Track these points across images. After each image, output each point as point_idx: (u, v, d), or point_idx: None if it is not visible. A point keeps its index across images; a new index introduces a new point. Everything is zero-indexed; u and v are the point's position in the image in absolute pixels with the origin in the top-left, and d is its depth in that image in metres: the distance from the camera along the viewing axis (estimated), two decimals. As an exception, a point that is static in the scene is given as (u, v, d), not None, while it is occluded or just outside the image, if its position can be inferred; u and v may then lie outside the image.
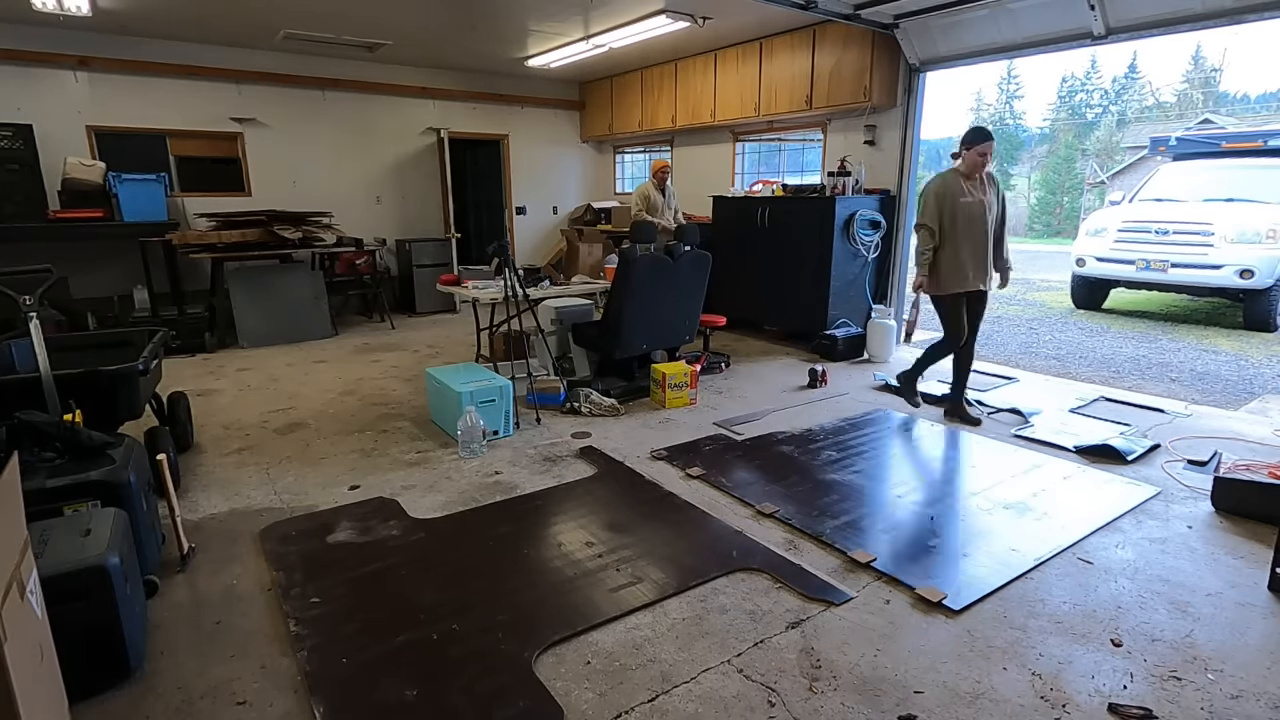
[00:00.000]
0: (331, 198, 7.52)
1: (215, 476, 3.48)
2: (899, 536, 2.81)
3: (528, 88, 8.68)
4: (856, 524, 2.91)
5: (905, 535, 2.82)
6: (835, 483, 3.33)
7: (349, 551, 2.70)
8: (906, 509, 3.06)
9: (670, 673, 2.02)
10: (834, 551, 2.70)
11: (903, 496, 3.20)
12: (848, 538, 2.78)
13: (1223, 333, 7.50)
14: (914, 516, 2.99)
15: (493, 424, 3.91)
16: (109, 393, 2.91)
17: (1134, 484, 3.31)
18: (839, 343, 5.73)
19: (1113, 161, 28.11)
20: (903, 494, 3.22)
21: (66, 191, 5.99)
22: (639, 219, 6.28)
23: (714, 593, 2.43)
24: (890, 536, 2.80)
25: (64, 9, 5.27)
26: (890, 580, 2.49)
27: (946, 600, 2.35)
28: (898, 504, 3.12)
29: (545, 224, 9.40)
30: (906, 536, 2.81)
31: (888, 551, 2.68)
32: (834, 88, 5.95)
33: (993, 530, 2.86)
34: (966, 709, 1.88)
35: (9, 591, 1.28)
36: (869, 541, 2.76)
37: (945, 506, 3.09)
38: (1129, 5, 4.35)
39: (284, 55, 7.10)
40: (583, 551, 2.70)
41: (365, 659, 2.07)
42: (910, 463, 3.63)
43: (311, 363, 5.80)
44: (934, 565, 2.58)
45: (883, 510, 3.06)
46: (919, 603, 2.36)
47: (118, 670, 1.96)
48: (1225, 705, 1.89)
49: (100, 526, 2.02)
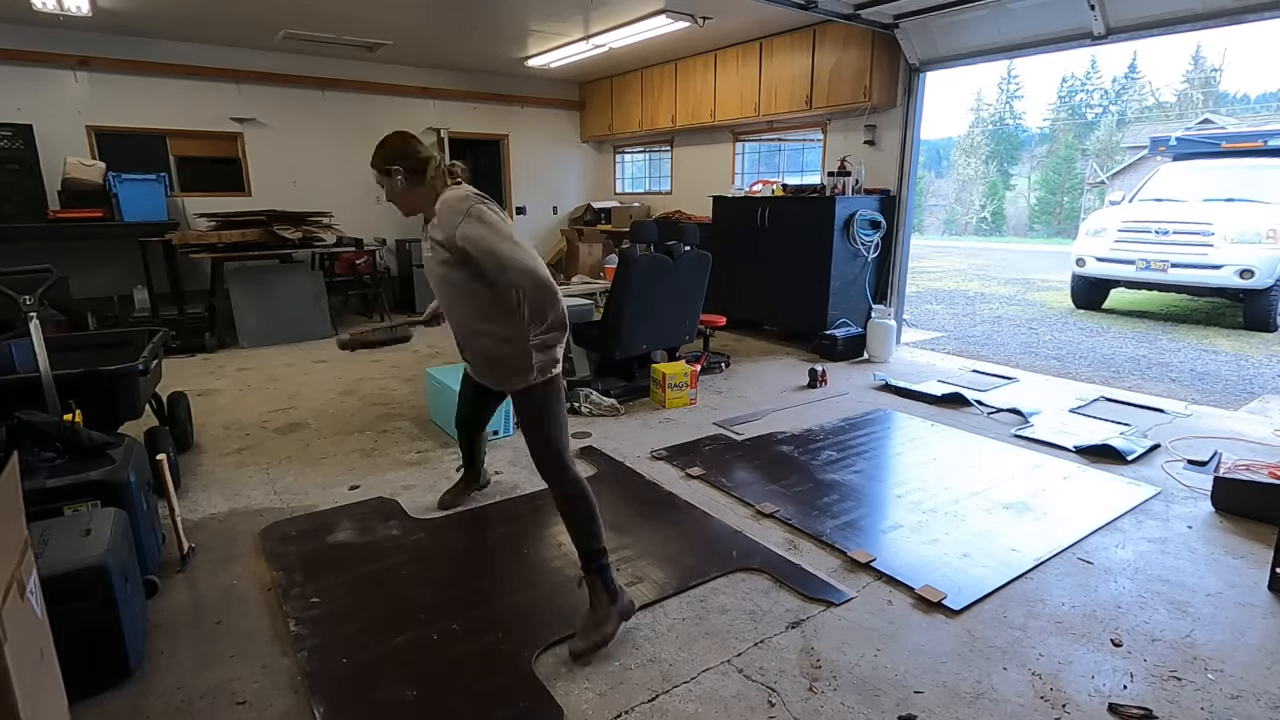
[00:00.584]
0: (331, 198, 7.52)
1: (215, 476, 3.48)
2: (899, 536, 2.81)
3: (528, 88, 8.68)
4: (856, 524, 2.91)
5: (905, 535, 2.82)
6: (835, 482, 3.33)
7: (349, 551, 2.70)
8: (907, 508, 3.06)
9: (670, 673, 2.02)
10: (834, 551, 2.70)
11: (903, 496, 3.19)
12: (848, 538, 2.78)
13: (1223, 332, 7.50)
14: (914, 516, 2.99)
15: (492, 424, 3.91)
16: (109, 393, 2.91)
17: (1134, 484, 3.31)
18: (839, 343, 5.73)
19: (1113, 161, 28.13)
20: (903, 494, 3.22)
21: (66, 191, 5.99)
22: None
23: (714, 592, 2.42)
24: (890, 536, 2.81)
25: (64, 9, 5.27)
26: (890, 580, 2.49)
27: (947, 600, 2.35)
28: (898, 504, 3.12)
29: (545, 224, 9.40)
30: (907, 536, 2.81)
31: (888, 551, 2.68)
32: (834, 88, 5.96)
33: (993, 530, 2.86)
34: (966, 709, 1.88)
35: (9, 591, 1.28)
36: (869, 541, 2.76)
37: (945, 506, 3.09)
38: (1129, 5, 4.35)
39: (284, 55, 7.10)
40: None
41: (365, 659, 2.07)
42: (910, 462, 3.63)
43: (311, 363, 5.80)
44: (933, 565, 2.58)
45: (883, 510, 3.06)
46: (919, 603, 2.36)
47: (118, 670, 1.96)
48: (1225, 705, 1.89)
49: (100, 526, 2.02)
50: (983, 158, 38.22)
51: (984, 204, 36.47)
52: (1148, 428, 4.13)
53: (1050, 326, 7.98)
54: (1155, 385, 5.34)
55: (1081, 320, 8.31)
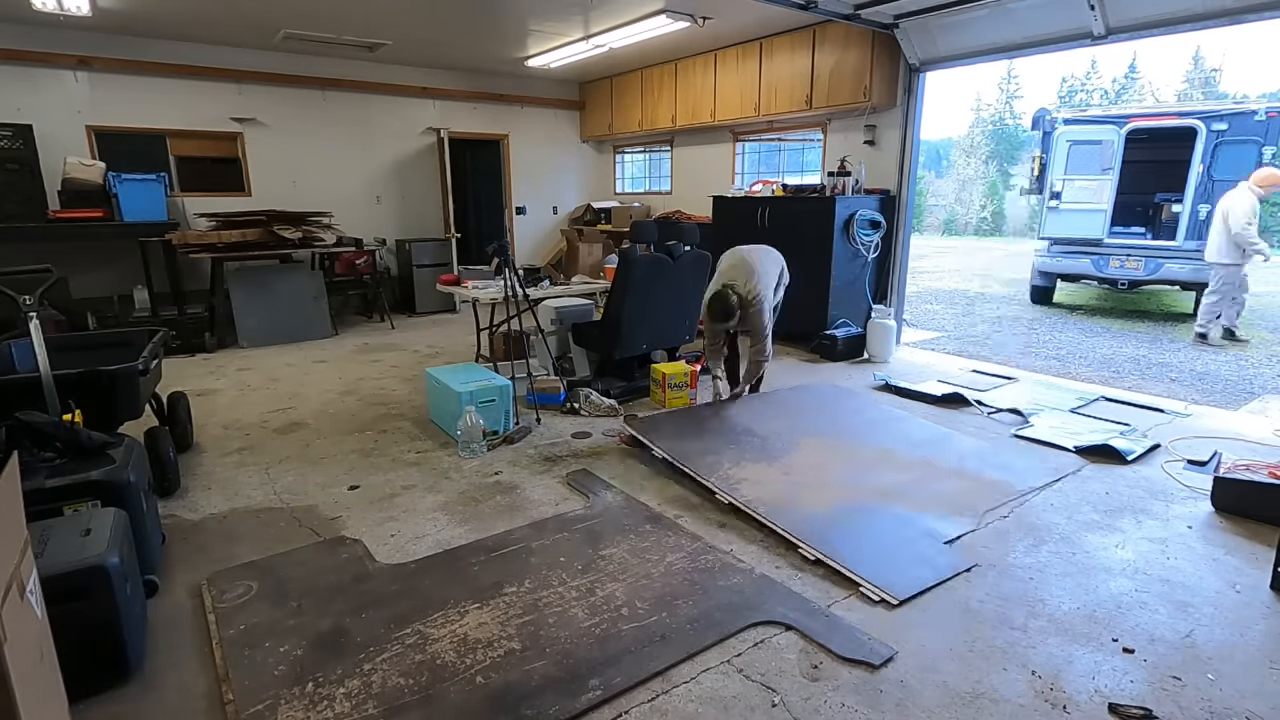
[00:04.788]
0: (331, 198, 7.51)
1: (215, 476, 3.48)
2: (900, 535, 2.80)
3: (528, 88, 8.68)
4: (856, 524, 2.91)
5: (905, 534, 2.82)
6: (835, 482, 3.33)
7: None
8: (908, 509, 3.06)
9: (670, 673, 2.02)
10: (834, 551, 2.69)
11: (903, 496, 3.19)
12: (848, 538, 2.78)
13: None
14: (914, 516, 2.99)
15: (493, 424, 3.92)
16: (109, 393, 2.90)
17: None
18: (839, 343, 5.73)
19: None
20: (903, 494, 3.22)
21: (66, 191, 5.99)
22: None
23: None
24: (891, 536, 2.80)
25: (64, 9, 5.27)
26: (889, 581, 2.49)
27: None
28: (898, 504, 3.11)
29: (545, 224, 9.40)
30: (906, 536, 2.81)
31: (888, 551, 2.68)
32: (834, 88, 5.95)
33: (992, 529, 2.86)
34: (966, 709, 1.88)
35: (9, 591, 1.28)
36: (869, 541, 2.76)
37: (945, 506, 3.08)
38: (1129, 5, 4.34)
39: (284, 55, 7.10)
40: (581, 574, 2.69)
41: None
42: (910, 462, 3.62)
43: (311, 363, 5.80)
44: (933, 565, 2.58)
45: (883, 509, 3.05)
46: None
47: (118, 670, 1.96)
48: (1226, 705, 1.89)
49: (100, 526, 2.02)
50: (983, 158, 38.17)
51: (984, 204, 36.45)
52: (1148, 428, 4.13)
53: (1050, 326, 7.98)
54: (1155, 385, 5.34)
55: (1082, 320, 8.31)
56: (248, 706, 1.87)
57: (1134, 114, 8.64)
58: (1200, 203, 7.89)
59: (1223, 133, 7.81)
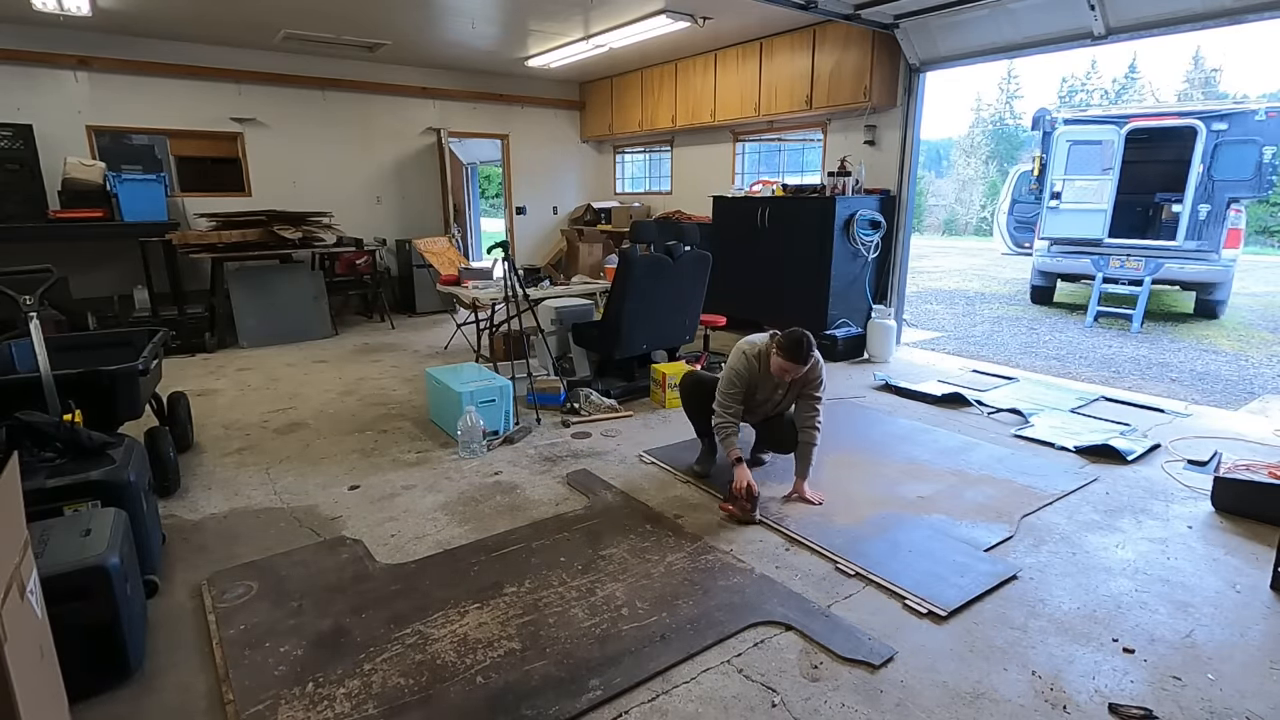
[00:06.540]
0: (331, 198, 7.51)
1: (215, 476, 3.48)
2: (899, 536, 2.81)
3: (528, 88, 8.68)
4: (856, 523, 2.91)
5: (905, 535, 2.82)
6: (835, 483, 3.33)
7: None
8: (907, 508, 3.06)
9: (670, 672, 2.02)
10: (834, 552, 2.69)
11: (903, 496, 3.19)
12: (848, 538, 2.78)
13: (1223, 332, 7.50)
14: (914, 516, 2.99)
15: (493, 424, 3.91)
16: (109, 393, 2.90)
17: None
18: (839, 343, 5.73)
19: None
20: (903, 493, 3.22)
21: (66, 191, 5.99)
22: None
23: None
24: (890, 535, 2.80)
25: (64, 9, 5.26)
26: (889, 580, 2.49)
27: (947, 600, 2.35)
28: (898, 503, 3.11)
29: (545, 224, 9.39)
30: (907, 536, 2.81)
31: (888, 550, 2.68)
32: (834, 88, 5.95)
33: (992, 530, 2.86)
34: (966, 709, 1.88)
35: (9, 591, 1.28)
36: (869, 540, 2.76)
37: (945, 507, 3.08)
38: (1129, 5, 4.34)
39: (284, 55, 7.10)
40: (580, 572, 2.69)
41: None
42: (910, 461, 3.63)
43: (311, 363, 5.80)
44: (934, 565, 2.58)
45: (883, 509, 3.05)
46: (919, 603, 2.36)
47: (118, 670, 1.96)
48: (1226, 705, 1.89)
49: (100, 526, 2.02)
50: (983, 158, 38.18)
51: (984, 204, 36.47)
52: (1148, 428, 4.13)
53: (1050, 326, 7.98)
54: (1155, 385, 5.34)
55: (1081, 320, 8.31)
56: (248, 706, 1.87)
57: (1134, 114, 8.64)
58: (1200, 203, 7.90)
59: (1223, 133, 7.81)
